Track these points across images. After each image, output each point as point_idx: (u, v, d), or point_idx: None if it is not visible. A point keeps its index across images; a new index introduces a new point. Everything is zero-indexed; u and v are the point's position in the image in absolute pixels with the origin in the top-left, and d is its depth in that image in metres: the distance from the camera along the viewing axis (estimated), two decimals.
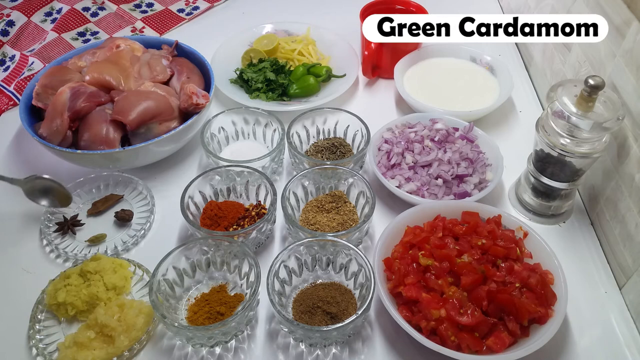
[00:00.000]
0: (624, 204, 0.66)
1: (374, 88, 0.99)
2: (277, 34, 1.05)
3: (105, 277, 0.64)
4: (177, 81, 0.85)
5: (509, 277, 0.60)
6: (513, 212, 0.76)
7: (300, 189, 0.74)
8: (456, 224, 0.66)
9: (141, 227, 0.74)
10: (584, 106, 0.62)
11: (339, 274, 0.67)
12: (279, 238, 0.74)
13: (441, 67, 0.97)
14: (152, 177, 0.82)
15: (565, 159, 0.66)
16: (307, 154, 0.82)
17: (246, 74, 0.94)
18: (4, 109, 0.94)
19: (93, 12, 1.16)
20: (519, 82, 0.97)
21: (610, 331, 0.64)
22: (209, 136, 0.81)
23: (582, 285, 0.68)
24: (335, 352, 0.61)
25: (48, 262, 0.71)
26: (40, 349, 0.61)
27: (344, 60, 0.99)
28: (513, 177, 0.80)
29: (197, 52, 0.91)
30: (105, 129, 0.76)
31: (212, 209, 0.71)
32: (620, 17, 0.67)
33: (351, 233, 0.67)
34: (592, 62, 0.75)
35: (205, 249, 0.66)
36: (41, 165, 0.84)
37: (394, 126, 0.83)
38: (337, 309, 0.61)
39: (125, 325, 0.60)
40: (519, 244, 0.64)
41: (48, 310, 0.64)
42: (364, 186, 0.72)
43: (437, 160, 0.76)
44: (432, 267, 0.61)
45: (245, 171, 0.74)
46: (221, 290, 0.65)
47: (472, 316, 0.56)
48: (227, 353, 0.62)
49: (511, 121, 0.91)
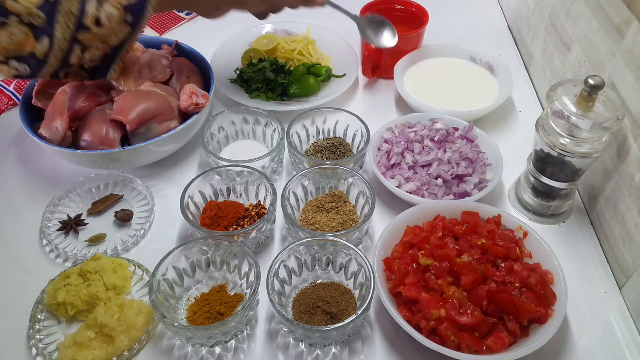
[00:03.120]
0: (624, 204, 0.66)
1: (374, 88, 0.99)
2: (277, 34, 1.05)
3: (105, 277, 0.64)
4: (177, 81, 0.85)
5: (509, 277, 0.60)
6: (513, 212, 0.76)
7: (300, 189, 0.74)
8: (456, 224, 0.66)
9: (141, 227, 0.74)
10: (584, 106, 0.62)
11: (339, 274, 0.67)
12: (279, 238, 0.74)
13: (441, 67, 0.97)
14: (152, 177, 0.82)
15: (565, 159, 0.66)
16: (307, 154, 0.83)
17: (246, 74, 0.94)
18: (4, 109, 0.94)
19: None
20: (519, 82, 0.97)
21: (610, 331, 0.64)
22: (209, 136, 0.81)
23: (582, 285, 0.68)
24: (335, 352, 0.61)
25: (48, 262, 0.71)
26: (40, 349, 0.61)
27: (344, 60, 0.99)
28: (513, 177, 0.80)
29: (197, 52, 0.91)
30: (105, 129, 0.76)
31: (212, 209, 0.72)
32: (620, 17, 0.67)
33: (351, 233, 0.67)
34: (592, 62, 0.75)
35: (205, 249, 0.66)
36: (41, 165, 0.84)
37: (394, 126, 0.83)
38: (337, 309, 0.61)
39: (125, 325, 0.60)
40: (519, 244, 0.65)
41: (48, 310, 0.64)
42: (364, 186, 0.72)
43: (437, 160, 0.76)
44: (432, 267, 0.61)
45: (245, 171, 0.74)
46: (221, 290, 0.65)
47: (472, 316, 0.56)
48: (227, 353, 0.62)
49: (511, 121, 0.91)
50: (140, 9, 0.68)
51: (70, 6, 0.63)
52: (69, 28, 0.64)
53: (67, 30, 0.64)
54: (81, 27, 0.65)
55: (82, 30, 0.65)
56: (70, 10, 0.63)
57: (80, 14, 0.64)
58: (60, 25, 0.63)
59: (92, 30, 0.66)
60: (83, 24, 0.65)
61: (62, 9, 0.62)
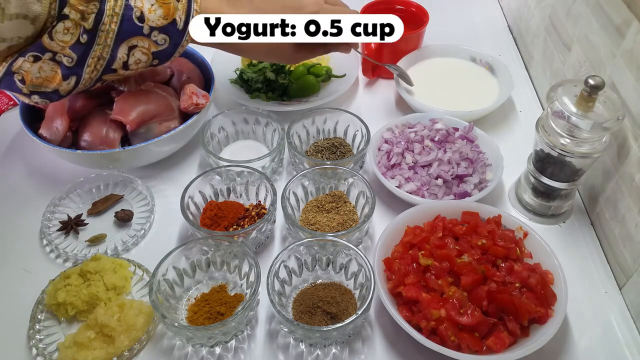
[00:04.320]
0: (624, 204, 0.66)
1: (374, 88, 0.99)
2: None
3: (105, 277, 0.64)
4: (177, 81, 0.85)
5: (509, 277, 0.60)
6: (513, 212, 0.76)
7: (300, 189, 0.74)
8: (456, 224, 0.66)
9: (141, 227, 0.74)
10: (584, 106, 0.62)
11: (339, 274, 0.67)
12: (279, 238, 0.74)
13: (441, 67, 0.97)
14: (152, 177, 0.82)
15: (565, 159, 0.66)
16: (307, 154, 0.82)
17: (246, 74, 0.94)
18: (4, 109, 0.94)
19: None
20: (519, 82, 0.97)
21: (610, 331, 0.64)
22: (209, 136, 0.81)
23: (582, 285, 0.68)
24: (335, 352, 0.61)
25: (48, 262, 0.71)
26: (40, 349, 0.61)
27: (344, 60, 0.99)
28: (513, 177, 0.80)
29: (197, 52, 0.91)
30: (105, 129, 0.76)
31: (212, 209, 0.72)
32: (620, 17, 0.67)
33: (351, 233, 0.67)
34: (592, 62, 0.75)
35: (205, 249, 0.66)
36: (41, 165, 0.84)
37: (394, 126, 0.83)
38: (337, 309, 0.61)
39: (125, 325, 0.60)
40: (519, 244, 0.65)
41: (48, 310, 0.64)
42: (364, 186, 0.72)
43: (437, 160, 0.76)
44: (432, 267, 0.61)
45: (245, 171, 0.74)
46: (221, 290, 0.65)
47: (472, 316, 0.56)
48: (227, 353, 0.62)
49: (511, 121, 0.91)
50: (167, 55, 0.68)
51: (102, 51, 0.63)
52: (97, 70, 0.64)
53: (94, 72, 0.65)
54: (109, 70, 0.66)
55: (109, 72, 0.66)
56: (102, 54, 0.63)
57: (110, 59, 0.64)
58: (89, 68, 0.64)
59: (119, 72, 0.67)
60: (111, 68, 0.65)
61: (94, 53, 0.63)
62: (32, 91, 0.64)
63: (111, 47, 0.63)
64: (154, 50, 0.66)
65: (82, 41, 0.61)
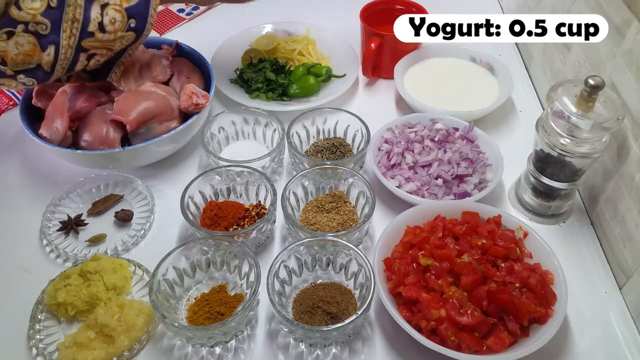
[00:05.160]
0: (624, 204, 0.66)
1: (374, 88, 0.99)
2: (277, 34, 1.05)
3: (105, 277, 0.64)
4: (177, 81, 0.85)
5: (509, 277, 0.60)
6: (513, 212, 0.76)
7: (300, 189, 0.74)
8: (456, 224, 0.66)
9: (141, 227, 0.74)
10: (584, 106, 0.62)
11: (339, 274, 0.67)
12: (279, 238, 0.74)
13: (441, 67, 0.97)
14: (152, 177, 0.82)
15: (565, 159, 0.66)
16: (307, 154, 0.83)
17: (246, 74, 0.94)
18: (4, 109, 0.94)
19: None
20: (519, 82, 0.97)
21: (610, 331, 0.64)
22: (209, 136, 0.81)
23: (582, 285, 0.68)
24: (335, 352, 0.62)
25: (48, 262, 0.71)
26: (40, 349, 0.61)
27: (344, 60, 0.99)
28: (513, 177, 0.80)
29: (197, 52, 0.91)
30: (105, 129, 0.76)
31: (212, 209, 0.72)
32: (620, 17, 0.67)
33: (351, 233, 0.67)
34: (592, 62, 0.75)
35: (205, 249, 0.66)
36: (41, 165, 0.84)
37: (394, 126, 0.83)
38: (337, 309, 0.61)
39: (125, 325, 0.60)
40: (519, 244, 0.65)
41: (48, 310, 0.64)
42: (364, 186, 0.72)
43: (437, 160, 0.76)
44: (432, 267, 0.61)
45: (245, 171, 0.74)
46: (221, 290, 0.65)
47: (472, 316, 0.56)
48: (227, 353, 0.62)
49: (511, 121, 0.91)
50: (141, 13, 0.68)
51: (74, 12, 0.63)
52: (74, 35, 0.64)
53: (71, 38, 0.64)
54: (85, 33, 0.65)
55: (86, 36, 0.65)
56: (75, 16, 0.63)
57: (84, 20, 0.64)
58: (65, 33, 0.63)
59: (97, 36, 0.66)
60: (87, 31, 0.65)
61: (66, 16, 0.62)
62: (16, 71, 0.63)
63: (83, 7, 0.63)
64: (126, 5, 0.66)
65: (53, 5, 0.61)
